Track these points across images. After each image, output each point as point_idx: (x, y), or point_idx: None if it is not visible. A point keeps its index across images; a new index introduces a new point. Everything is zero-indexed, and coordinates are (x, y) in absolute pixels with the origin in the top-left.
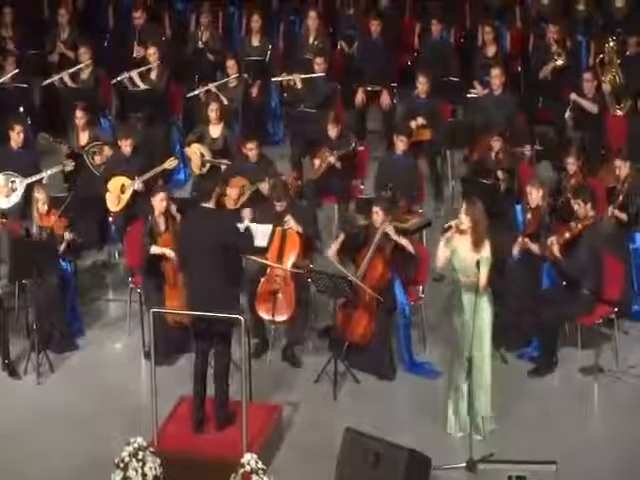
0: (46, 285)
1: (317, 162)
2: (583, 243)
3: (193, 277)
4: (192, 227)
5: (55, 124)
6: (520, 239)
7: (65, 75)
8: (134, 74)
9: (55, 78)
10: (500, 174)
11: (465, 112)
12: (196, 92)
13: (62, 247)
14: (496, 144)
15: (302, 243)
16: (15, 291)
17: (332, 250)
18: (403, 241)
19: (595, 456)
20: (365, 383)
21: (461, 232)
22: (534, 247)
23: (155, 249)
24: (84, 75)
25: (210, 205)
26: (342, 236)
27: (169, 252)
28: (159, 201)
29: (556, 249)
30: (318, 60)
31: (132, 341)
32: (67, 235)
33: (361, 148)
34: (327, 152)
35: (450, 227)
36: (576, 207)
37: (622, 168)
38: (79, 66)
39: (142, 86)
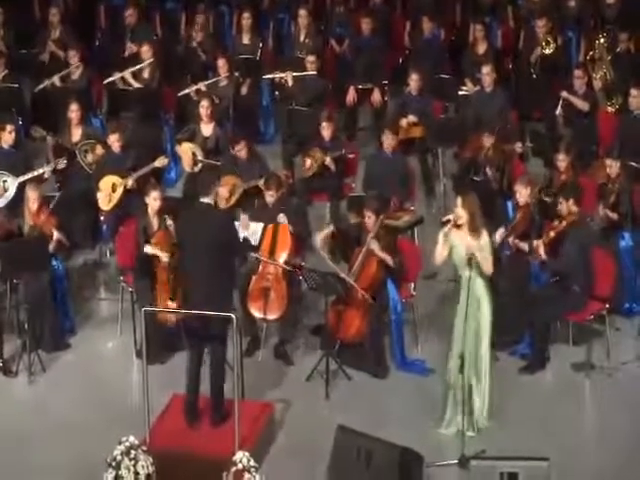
0: (37, 284)
1: (308, 161)
2: (570, 240)
3: (191, 275)
4: (190, 224)
5: (47, 124)
6: (510, 238)
7: (56, 78)
8: (127, 74)
9: (47, 83)
10: (491, 171)
11: (456, 109)
12: (187, 91)
13: (52, 246)
14: (487, 141)
15: (294, 241)
16: (6, 290)
17: (319, 239)
18: (383, 255)
19: (587, 452)
20: (357, 381)
21: (458, 227)
22: (524, 246)
23: (149, 249)
24: (75, 76)
25: (209, 200)
26: (331, 227)
27: (162, 254)
28: (153, 200)
29: (542, 250)
30: (310, 59)
31: (124, 340)
32: (56, 234)
33: (351, 156)
34: (320, 152)
35: (448, 221)
36: (559, 206)
37: (613, 167)
38: (69, 69)
39: (135, 85)
